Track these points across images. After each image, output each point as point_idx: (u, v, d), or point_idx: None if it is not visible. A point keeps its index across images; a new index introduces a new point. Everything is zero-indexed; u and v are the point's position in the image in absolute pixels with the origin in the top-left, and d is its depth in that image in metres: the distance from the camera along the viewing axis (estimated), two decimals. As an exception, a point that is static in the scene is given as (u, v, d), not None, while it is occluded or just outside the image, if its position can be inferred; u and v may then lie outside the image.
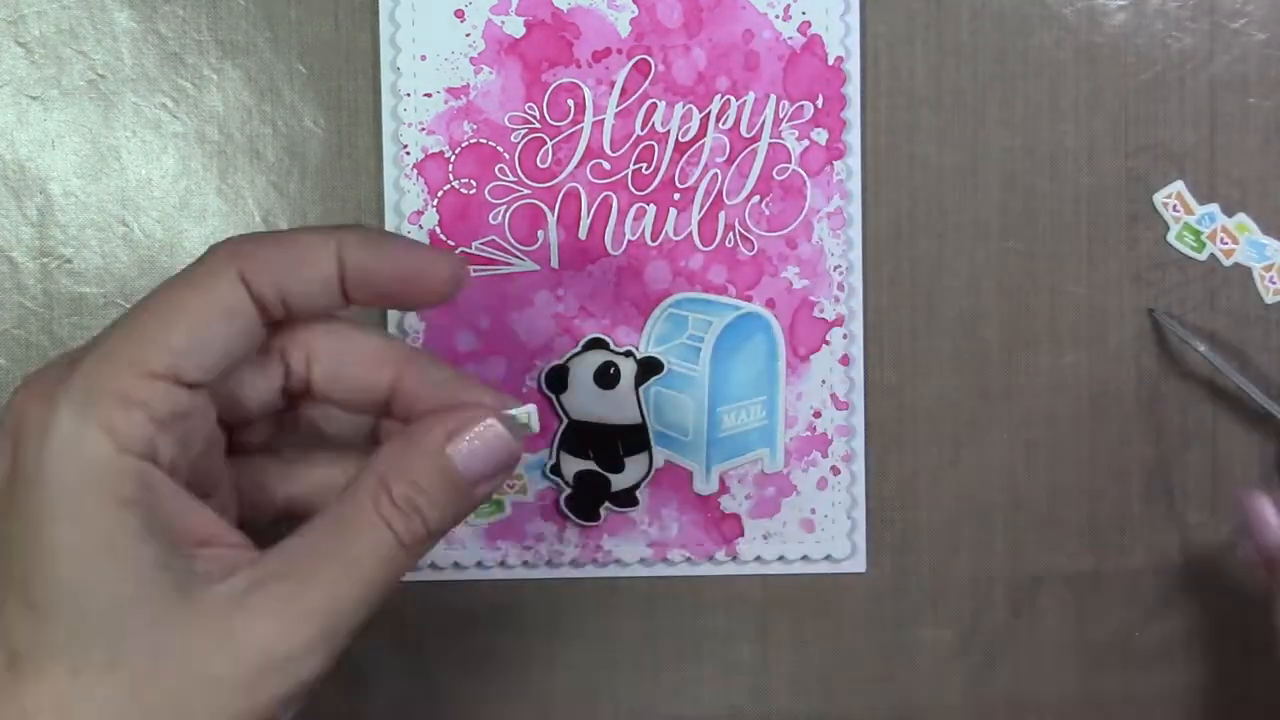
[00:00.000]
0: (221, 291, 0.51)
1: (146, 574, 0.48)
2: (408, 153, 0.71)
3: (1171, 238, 0.74)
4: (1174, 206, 0.74)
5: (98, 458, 0.48)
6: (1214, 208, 0.74)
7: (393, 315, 0.71)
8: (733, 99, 0.71)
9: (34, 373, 0.50)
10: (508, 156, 0.71)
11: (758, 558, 0.72)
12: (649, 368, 0.71)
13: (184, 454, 0.51)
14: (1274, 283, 0.74)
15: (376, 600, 0.51)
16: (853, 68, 0.72)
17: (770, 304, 0.72)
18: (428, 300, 0.54)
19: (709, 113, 0.71)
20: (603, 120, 0.71)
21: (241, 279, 0.51)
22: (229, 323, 0.51)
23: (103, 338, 0.50)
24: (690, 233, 0.71)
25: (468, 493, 0.52)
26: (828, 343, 0.72)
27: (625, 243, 0.71)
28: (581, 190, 0.71)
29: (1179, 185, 0.74)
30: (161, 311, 0.50)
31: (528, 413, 0.54)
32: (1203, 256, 0.74)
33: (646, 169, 0.71)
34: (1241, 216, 0.74)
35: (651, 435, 0.72)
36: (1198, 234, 0.74)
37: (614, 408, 0.71)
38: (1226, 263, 0.74)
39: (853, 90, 0.72)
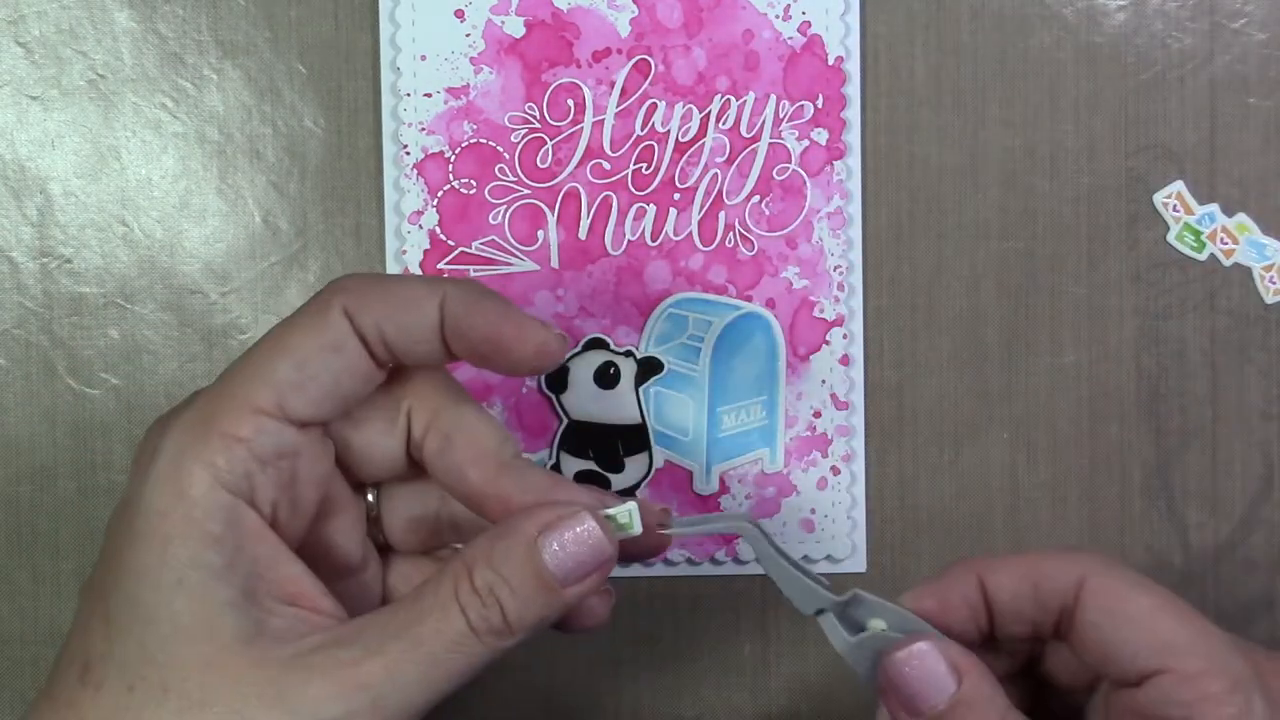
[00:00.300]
0: (326, 326, 0.51)
1: (213, 612, 0.49)
2: (408, 153, 0.71)
3: (1171, 238, 0.74)
4: (1174, 206, 0.74)
5: (191, 490, 0.49)
6: (1214, 208, 0.74)
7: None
8: (733, 99, 0.71)
9: (164, 414, 0.52)
10: (508, 156, 0.71)
11: (758, 558, 0.72)
12: (649, 368, 0.71)
13: (290, 501, 0.52)
14: (1274, 283, 0.74)
15: (441, 684, 0.50)
16: (853, 68, 0.72)
17: (770, 304, 0.72)
18: (516, 366, 0.54)
19: (709, 113, 0.71)
20: (603, 120, 0.71)
21: (346, 314, 0.51)
22: (334, 357, 0.51)
23: (221, 376, 0.51)
24: (690, 233, 0.71)
25: (556, 592, 0.51)
26: (828, 343, 0.72)
27: (625, 243, 0.71)
28: (581, 190, 0.71)
29: (1179, 185, 0.74)
30: (269, 348, 0.51)
31: (628, 512, 0.53)
32: (1203, 256, 0.74)
33: (646, 169, 0.71)
34: (1241, 216, 0.74)
35: (651, 435, 0.72)
36: (1198, 234, 0.74)
37: (614, 408, 0.71)
38: (1226, 263, 0.74)
39: (853, 90, 0.72)
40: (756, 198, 0.72)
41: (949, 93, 0.73)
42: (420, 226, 0.71)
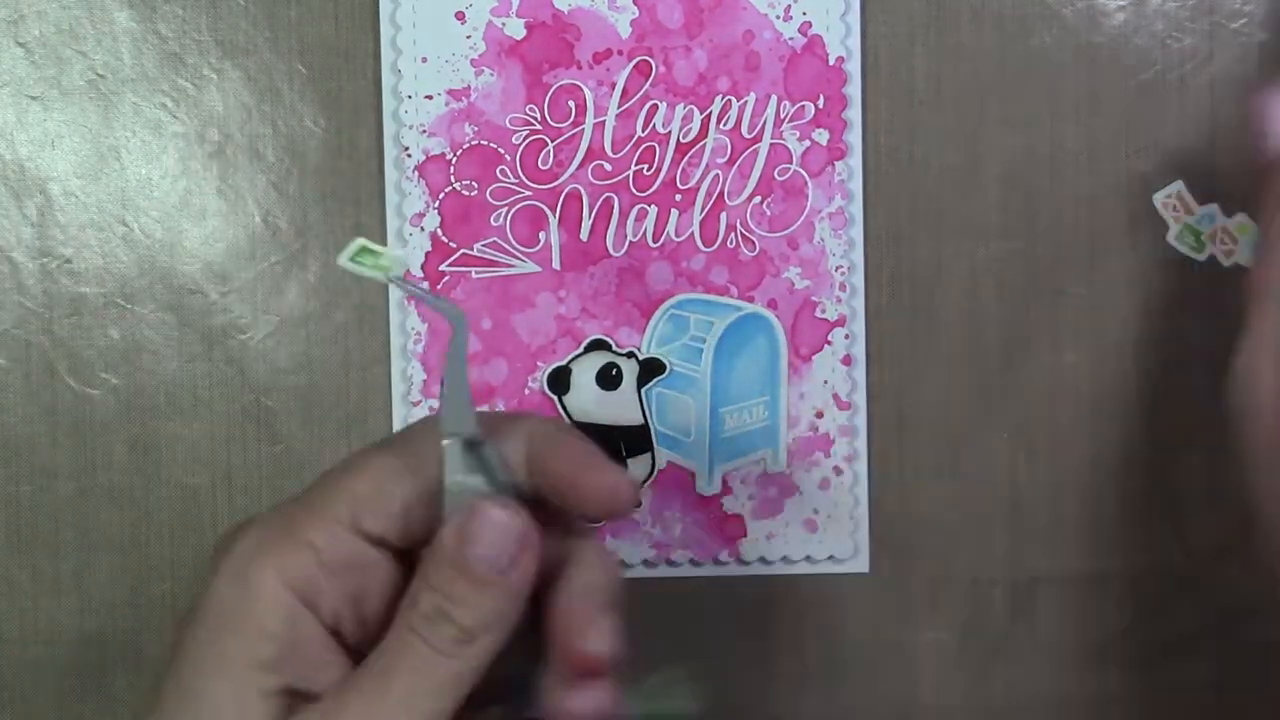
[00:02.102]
0: (410, 451, 0.52)
1: (256, 703, 0.50)
2: (409, 155, 0.71)
3: (1171, 238, 0.74)
4: (1174, 207, 0.74)
5: (255, 585, 0.50)
6: (1214, 208, 0.74)
7: (394, 317, 0.71)
8: (734, 100, 0.71)
9: (243, 522, 0.53)
10: (509, 158, 0.71)
11: (761, 558, 0.72)
12: (651, 369, 0.71)
13: (356, 612, 0.52)
14: (1273, 283, 0.74)
15: (438, 705, 0.50)
16: (853, 68, 0.72)
17: (772, 304, 0.72)
18: (586, 510, 0.54)
19: (710, 113, 0.71)
20: (604, 121, 0.71)
21: (432, 440, 0.52)
22: (412, 479, 0.52)
23: (310, 486, 0.53)
24: (692, 234, 0.71)
25: (496, 584, 0.51)
26: (830, 343, 0.72)
27: (627, 244, 0.71)
28: (583, 191, 0.71)
29: (1179, 185, 0.74)
30: (356, 465, 0.52)
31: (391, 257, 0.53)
32: (1203, 256, 0.74)
33: (648, 170, 0.71)
34: (1241, 216, 0.74)
35: (654, 436, 0.72)
36: (1198, 234, 0.74)
37: (616, 409, 0.72)
38: (1226, 263, 0.74)
39: (854, 90, 0.72)
40: (758, 198, 0.72)
41: (949, 93, 0.73)
42: (422, 228, 0.71)
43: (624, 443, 0.71)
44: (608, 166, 0.71)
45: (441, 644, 0.50)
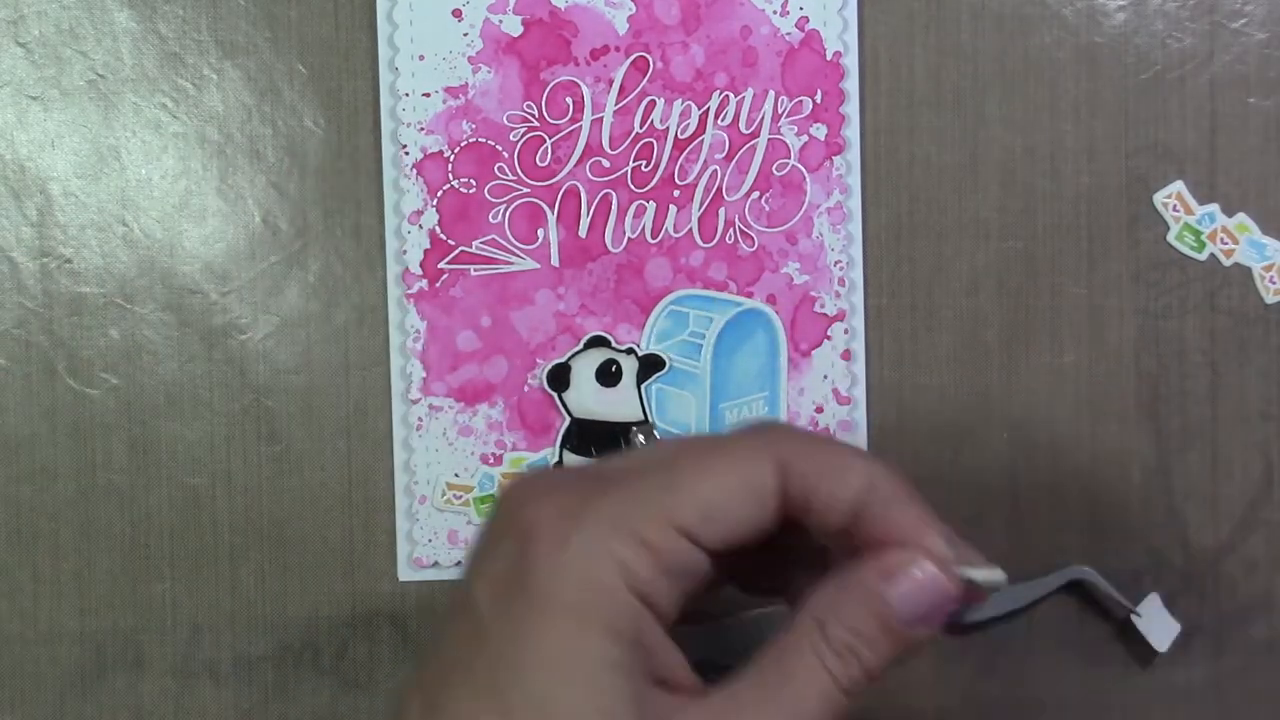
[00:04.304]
0: (756, 474, 0.52)
1: (617, 708, 0.49)
2: (407, 152, 0.71)
3: (1171, 238, 0.74)
4: (1174, 206, 0.74)
5: (604, 586, 0.49)
6: (1214, 208, 0.74)
7: (393, 314, 0.71)
8: (731, 95, 0.71)
9: (539, 485, 0.53)
10: (507, 155, 0.71)
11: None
12: (651, 365, 0.71)
13: (676, 609, 0.52)
14: (1274, 283, 0.74)
15: None
16: (851, 63, 0.72)
17: (771, 300, 0.72)
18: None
19: (708, 109, 0.71)
20: (601, 118, 0.71)
21: (778, 468, 0.52)
22: (754, 504, 0.51)
23: (633, 476, 0.52)
24: (690, 229, 0.71)
25: (906, 636, 0.51)
26: (829, 338, 0.72)
27: (625, 240, 0.71)
28: (581, 188, 0.71)
29: (1179, 185, 0.74)
30: (697, 469, 0.52)
31: (993, 579, 0.53)
32: (1203, 256, 0.74)
33: (646, 166, 0.71)
34: (1241, 216, 0.74)
35: (654, 432, 0.72)
36: (1198, 234, 0.74)
37: (616, 405, 0.71)
38: (1226, 263, 0.74)
39: (851, 85, 0.72)
40: (756, 194, 0.72)
41: (949, 92, 0.73)
42: (420, 226, 0.71)
43: (624, 439, 0.71)
44: (606, 163, 0.71)
45: (846, 684, 0.51)
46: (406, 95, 0.71)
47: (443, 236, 0.71)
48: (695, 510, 0.50)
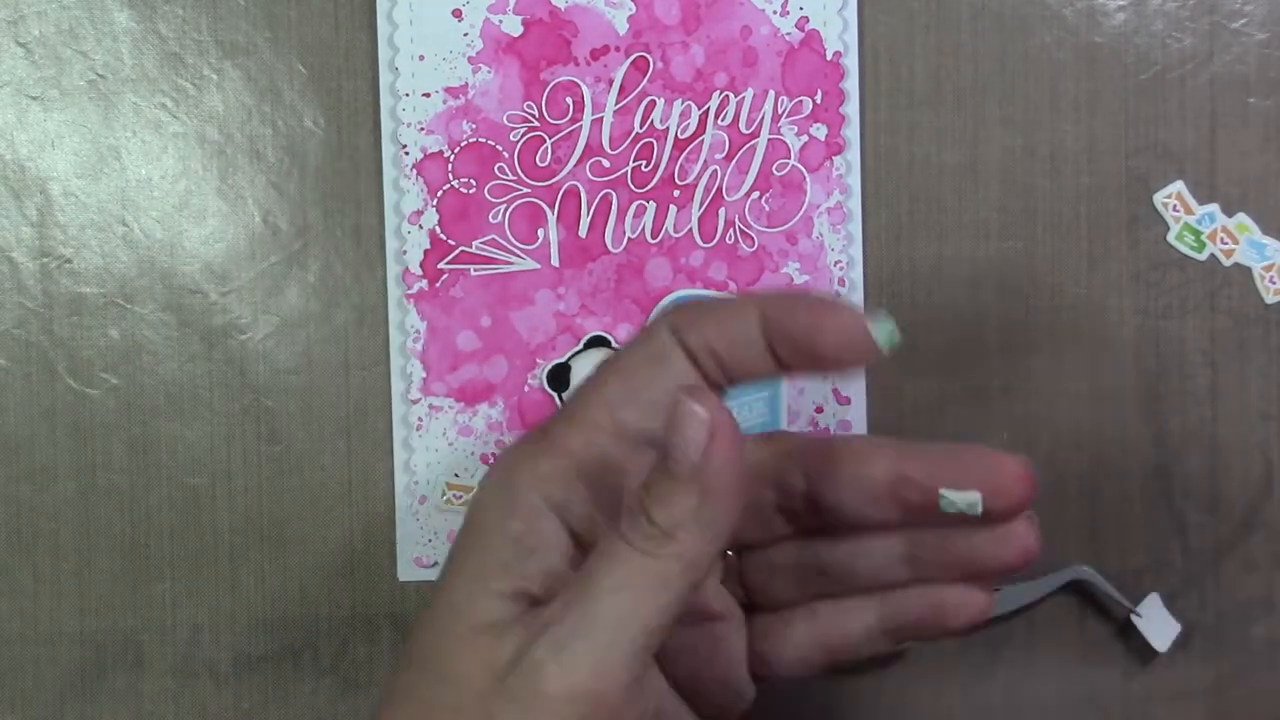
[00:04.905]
0: (651, 342, 0.54)
1: (487, 604, 0.51)
2: (407, 153, 0.71)
3: (1171, 238, 0.74)
4: (1174, 206, 0.74)
5: (510, 492, 0.53)
6: (1214, 208, 0.74)
7: (393, 315, 0.71)
8: (731, 95, 0.71)
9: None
10: (507, 155, 0.71)
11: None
12: (650, 365, 0.71)
13: (613, 518, 0.52)
14: (1274, 283, 0.74)
15: (648, 609, 0.50)
16: (851, 63, 0.72)
17: (771, 300, 0.72)
18: (839, 355, 0.54)
19: (708, 109, 0.71)
20: (601, 118, 0.71)
21: (672, 331, 0.53)
22: (660, 368, 0.53)
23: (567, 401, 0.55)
24: (690, 229, 0.71)
25: (692, 478, 0.50)
26: (828, 338, 0.72)
27: (625, 240, 0.71)
28: (581, 188, 0.71)
29: (1179, 185, 0.74)
30: (604, 370, 0.54)
31: (969, 499, 0.54)
32: (1203, 256, 0.74)
33: (646, 166, 0.71)
34: (1241, 216, 0.74)
35: (653, 432, 0.72)
36: (1198, 234, 0.74)
37: (615, 405, 0.72)
38: (1226, 263, 0.74)
39: (851, 85, 0.72)
40: (756, 194, 0.72)
41: (949, 92, 0.73)
42: (420, 226, 0.71)
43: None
44: (606, 163, 0.71)
45: (641, 542, 0.50)
46: (406, 95, 0.71)
47: (443, 236, 0.71)
48: (601, 405, 0.53)
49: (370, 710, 0.72)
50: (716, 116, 0.71)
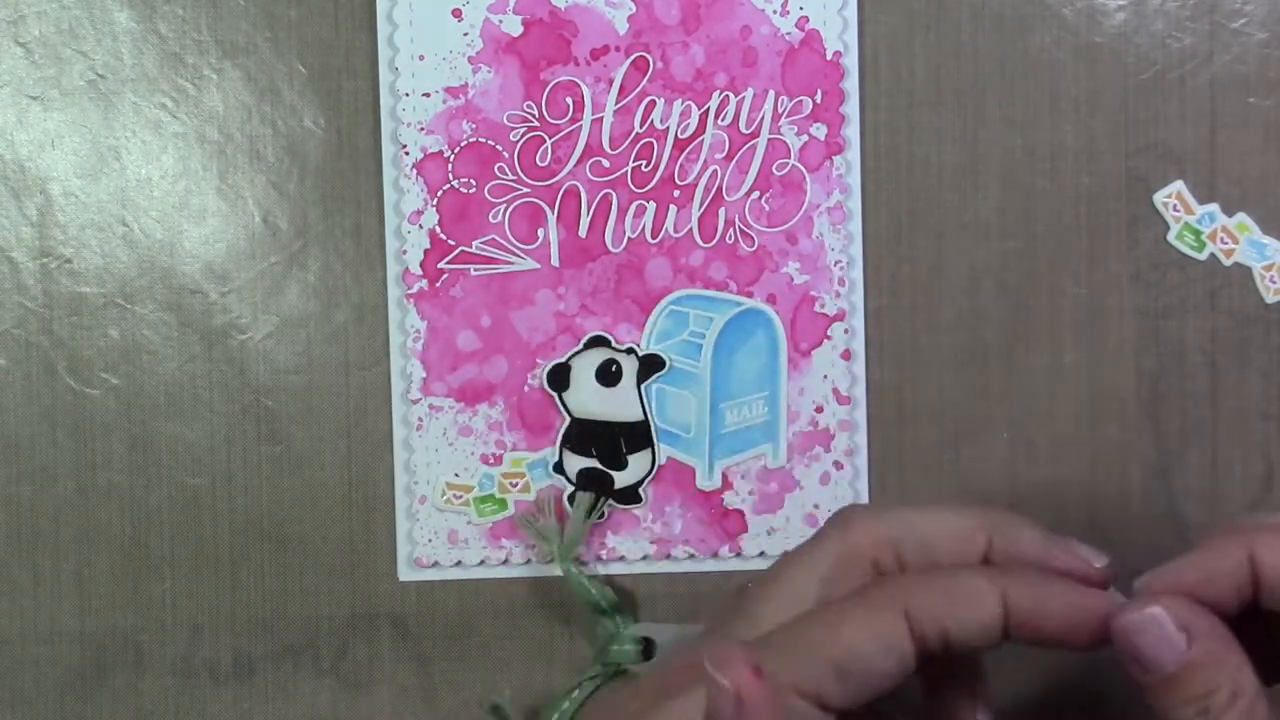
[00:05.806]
0: (886, 628, 0.51)
1: None
2: (407, 152, 0.71)
3: (1171, 238, 0.74)
4: (1174, 206, 0.74)
5: None
6: (1214, 208, 0.74)
7: (393, 314, 0.71)
8: (731, 95, 0.71)
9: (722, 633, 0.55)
10: (507, 155, 0.71)
11: (762, 553, 0.72)
12: (651, 365, 0.71)
13: None
14: (1274, 283, 0.74)
15: None
16: (851, 62, 0.72)
17: (771, 299, 0.72)
18: (1082, 645, 0.54)
19: (708, 109, 0.71)
20: (601, 118, 0.71)
21: (907, 616, 0.51)
22: (886, 657, 0.51)
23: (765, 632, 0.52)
24: (690, 229, 0.71)
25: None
26: (829, 337, 0.72)
27: (625, 240, 0.71)
28: (581, 188, 0.71)
29: (1179, 185, 0.74)
30: (823, 631, 0.51)
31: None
32: (1203, 256, 0.74)
33: (646, 166, 0.71)
34: (1241, 216, 0.74)
35: (654, 432, 0.72)
36: (1198, 234, 0.74)
37: (616, 405, 0.71)
38: (1226, 263, 0.74)
39: (851, 85, 0.72)
40: (756, 193, 0.72)
41: (949, 92, 0.73)
42: (420, 226, 0.71)
43: (624, 439, 0.71)
44: (606, 163, 0.71)
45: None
46: (406, 95, 0.71)
47: (443, 236, 0.71)
48: (816, 673, 0.50)
49: (370, 709, 0.72)
50: (716, 116, 0.71)
